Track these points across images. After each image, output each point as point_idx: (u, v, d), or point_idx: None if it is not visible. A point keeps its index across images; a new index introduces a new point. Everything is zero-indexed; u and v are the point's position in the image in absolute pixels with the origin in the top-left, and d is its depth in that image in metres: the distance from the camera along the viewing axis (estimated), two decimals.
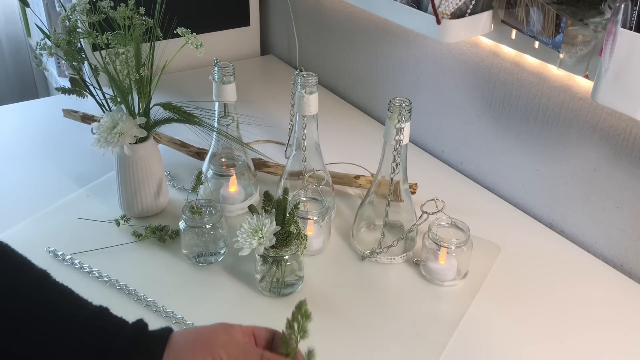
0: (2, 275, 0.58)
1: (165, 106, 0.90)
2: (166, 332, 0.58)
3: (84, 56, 0.91)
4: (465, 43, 1.07)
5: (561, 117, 0.94)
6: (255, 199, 1.01)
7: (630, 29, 0.69)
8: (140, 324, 0.58)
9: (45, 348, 0.55)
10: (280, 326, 0.80)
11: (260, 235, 0.78)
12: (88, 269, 0.87)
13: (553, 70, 0.93)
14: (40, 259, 0.66)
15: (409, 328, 0.80)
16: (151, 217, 0.98)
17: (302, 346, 0.60)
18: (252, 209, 0.82)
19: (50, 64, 1.65)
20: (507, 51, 0.99)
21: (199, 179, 0.90)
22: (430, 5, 0.89)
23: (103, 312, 0.59)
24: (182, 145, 1.12)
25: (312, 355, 0.59)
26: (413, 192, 1.01)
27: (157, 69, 0.92)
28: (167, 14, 0.92)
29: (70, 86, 0.93)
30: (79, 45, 0.91)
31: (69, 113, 1.17)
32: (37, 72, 2.16)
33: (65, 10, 0.88)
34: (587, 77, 0.85)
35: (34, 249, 0.89)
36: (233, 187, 0.99)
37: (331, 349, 0.76)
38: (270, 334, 0.62)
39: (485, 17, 0.91)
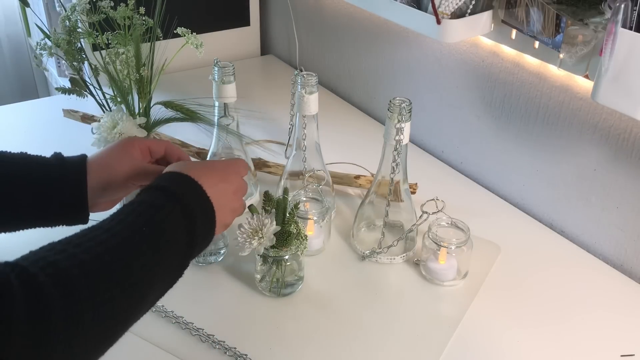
0: None
1: (167, 104, 0.90)
2: (83, 157, 0.70)
3: (84, 56, 0.91)
4: (466, 43, 1.07)
5: (561, 117, 0.94)
6: (255, 199, 1.01)
7: (630, 29, 0.69)
8: (59, 155, 0.70)
9: None
10: (280, 326, 0.80)
11: (260, 235, 0.78)
12: None
13: (553, 70, 0.93)
14: None
15: (409, 328, 0.80)
16: None
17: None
18: (252, 209, 0.82)
19: (50, 64, 1.65)
20: (507, 51, 0.99)
21: None
22: (430, 5, 0.89)
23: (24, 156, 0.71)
24: (182, 145, 1.11)
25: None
26: (413, 192, 1.01)
27: (157, 69, 0.92)
28: (167, 14, 0.92)
29: (70, 86, 0.93)
30: (79, 45, 0.91)
31: (69, 113, 1.17)
32: (37, 72, 2.16)
33: (65, 10, 0.88)
34: (587, 77, 0.85)
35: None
36: None
37: (331, 349, 0.76)
38: (162, 147, 0.75)
39: (485, 17, 0.91)
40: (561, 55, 0.84)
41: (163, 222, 0.57)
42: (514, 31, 0.92)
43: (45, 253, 0.49)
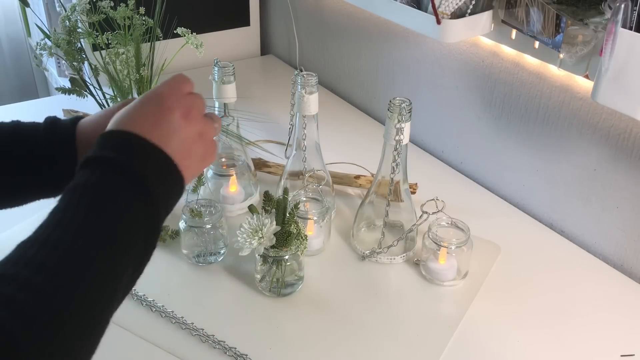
0: None
1: None
2: (75, 120, 0.64)
3: (84, 56, 0.91)
4: (466, 43, 1.07)
5: (561, 117, 0.94)
6: (255, 199, 1.01)
7: (630, 29, 0.69)
8: (52, 120, 0.65)
9: None
10: (280, 326, 0.80)
11: (260, 235, 0.78)
12: None
13: (553, 70, 0.93)
14: None
15: (409, 328, 0.80)
16: None
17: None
18: (252, 209, 0.82)
19: (50, 64, 1.65)
20: (507, 51, 0.99)
21: (199, 179, 0.90)
22: (430, 5, 0.89)
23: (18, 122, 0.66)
24: None
25: None
26: (413, 192, 1.01)
27: (157, 69, 0.92)
28: (167, 14, 0.92)
29: (70, 86, 0.93)
30: (79, 45, 0.91)
31: (69, 113, 1.17)
32: (37, 72, 2.15)
33: (65, 10, 0.88)
34: (587, 77, 0.84)
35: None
36: (233, 187, 0.99)
37: (331, 349, 0.76)
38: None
39: (485, 17, 0.91)
40: (561, 55, 0.84)
41: (121, 216, 0.48)
42: (514, 31, 0.92)
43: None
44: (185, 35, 0.89)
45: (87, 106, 1.06)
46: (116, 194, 0.48)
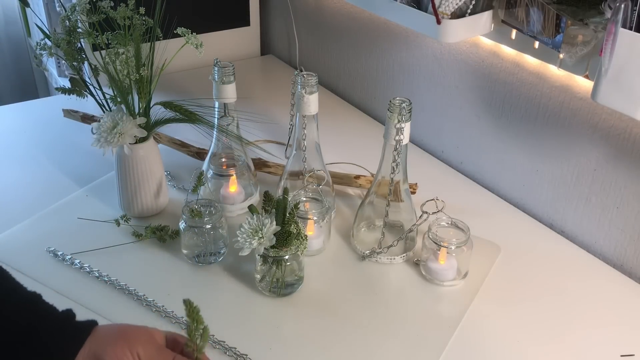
0: None
1: (166, 105, 0.90)
2: (91, 324, 0.61)
3: (84, 56, 0.91)
4: (465, 43, 1.07)
5: (561, 117, 0.94)
6: (255, 199, 1.01)
7: (630, 29, 0.69)
8: (69, 313, 0.61)
9: None
10: (280, 326, 0.80)
11: (260, 235, 0.78)
12: (88, 269, 0.87)
13: (553, 70, 0.93)
14: (40, 259, 0.66)
15: (409, 328, 0.80)
16: (151, 217, 0.98)
17: None
18: (252, 209, 0.82)
19: (50, 64, 1.65)
20: (507, 51, 0.99)
21: (199, 179, 0.90)
22: (430, 5, 0.89)
23: (36, 297, 0.62)
24: (182, 145, 1.12)
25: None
26: (413, 192, 1.01)
27: (157, 69, 0.92)
28: (167, 14, 0.92)
29: (70, 86, 0.93)
30: (79, 45, 0.91)
31: (69, 113, 1.17)
32: (37, 72, 2.16)
33: (65, 10, 0.88)
34: (587, 77, 0.84)
35: (34, 249, 0.89)
36: (233, 187, 0.99)
37: (331, 349, 0.76)
38: (184, 341, 0.65)
39: (485, 17, 0.91)
40: (561, 55, 0.84)
41: None
42: (514, 31, 0.92)
43: None
44: (185, 35, 0.89)
45: (87, 106, 1.06)
46: None
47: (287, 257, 0.81)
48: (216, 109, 0.94)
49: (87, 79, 0.94)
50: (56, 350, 0.58)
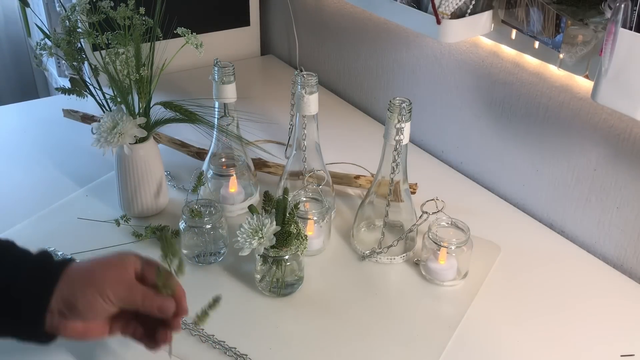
0: None
1: (166, 105, 0.90)
2: (63, 264, 0.62)
3: (84, 56, 0.91)
4: (465, 43, 1.07)
5: (561, 117, 0.94)
6: (255, 199, 1.01)
7: (630, 29, 0.69)
8: (44, 255, 0.63)
9: None
10: (280, 326, 0.80)
11: (260, 236, 0.78)
12: None
13: (553, 70, 0.93)
14: None
15: (409, 328, 0.80)
16: (151, 217, 0.98)
17: None
18: (252, 209, 0.82)
19: (50, 64, 1.65)
20: (507, 51, 0.99)
21: (199, 180, 0.90)
22: (430, 5, 0.89)
23: (8, 244, 0.64)
24: (182, 145, 1.12)
25: (215, 303, 0.66)
26: (413, 192, 1.01)
27: (157, 69, 0.92)
28: (167, 14, 0.92)
29: (70, 86, 0.93)
30: (79, 45, 0.91)
31: (69, 113, 1.17)
32: (37, 72, 2.16)
33: (65, 10, 0.88)
34: (587, 77, 0.84)
35: (34, 249, 0.89)
36: (233, 187, 0.99)
37: (331, 349, 0.76)
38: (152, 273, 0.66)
39: (485, 17, 0.91)
40: (561, 55, 0.84)
41: None
42: (514, 31, 0.92)
43: None
44: (185, 35, 0.89)
45: (87, 106, 1.06)
46: None
47: (287, 257, 0.81)
48: (216, 109, 0.94)
49: (87, 79, 0.94)
50: (31, 297, 0.59)
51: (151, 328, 0.65)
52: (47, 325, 0.60)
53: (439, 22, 0.88)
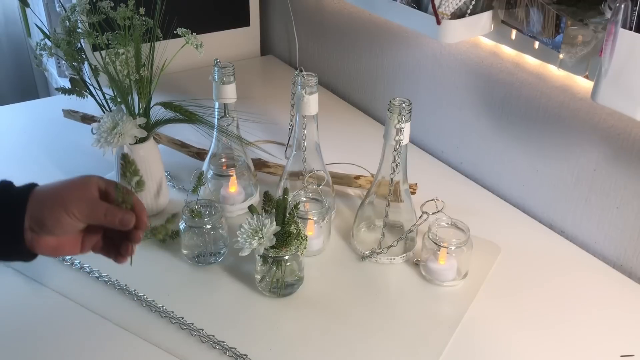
0: None
1: (166, 105, 0.90)
2: (29, 188, 0.67)
3: (84, 56, 0.91)
4: (465, 43, 1.07)
5: (561, 117, 0.94)
6: (255, 199, 1.01)
7: (630, 29, 0.69)
8: (4, 184, 0.68)
9: None
10: (280, 326, 0.80)
11: (260, 236, 0.78)
12: (88, 269, 0.87)
13: (553, 71, 0.93)
14: (40, 260, 0.66)
15: (409, 328, 0.80)
16: (151, 217, 0.98)
17: None
18: (252, 209, 0.82)
19: (50, 64, 1.65)
20: (507, 51, 0.99)
21: (200, 180, 0.90)
22: (430, 5, 0.89)
23: None
24: (182, 146, 1.12)
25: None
26: (413, 193, 1.01)
27: (157, 69, 0.92)
28: (167, 14, 0.92)
29: (70, 86, 0.93)
30: (79, 45, 0.91)
31: (69, 113, 1.17)
32: (37, 72, 2.16)
33: (65, 11, 0.88)
34: (587, 77, 0.84)
35: None
36: (233, 187, 0.99)
37: (331, 349, 0.76)
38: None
39: (485, 18, 0.91)
40: (561, 56, 0.84)
41: None
42: (514, 31, 0.92)
43: None
44: (185, 36, 0.89)
45: (87, 106, 1.06)
46: None
47: (287, 257, 0.81)
48: (216, 110, 0.94)
49: (87, 79, 0.94)
50: (6, 219, 0.64)
51: (118, 245, 0.69)
52: (27, 242, 0.64)
53: (439, 22, 0.88)
